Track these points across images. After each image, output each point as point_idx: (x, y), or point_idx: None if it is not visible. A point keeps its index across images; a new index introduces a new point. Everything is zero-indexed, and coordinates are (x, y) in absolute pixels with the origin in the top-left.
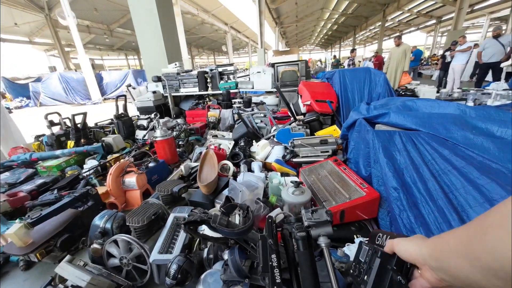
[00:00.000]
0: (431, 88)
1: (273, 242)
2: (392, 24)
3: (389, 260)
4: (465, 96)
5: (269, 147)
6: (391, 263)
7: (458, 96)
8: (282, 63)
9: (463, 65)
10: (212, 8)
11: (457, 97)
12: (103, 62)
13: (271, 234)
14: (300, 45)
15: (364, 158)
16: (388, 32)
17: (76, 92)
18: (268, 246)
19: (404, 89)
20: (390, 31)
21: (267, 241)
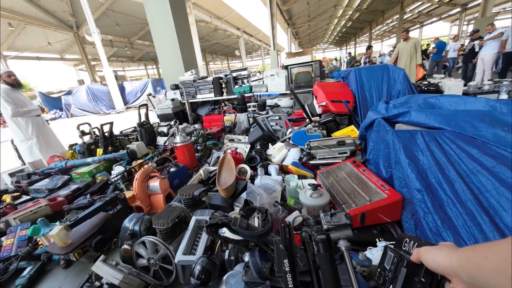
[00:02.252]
0: (457, 81)
1: (285, 247)
2: (411, 16)
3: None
4: (497, 88)
5: (285, 149)
6: (418, 274)
7: (489, 89)
8: (295, 64)
9: (494, 54)
10: (225, 15)
11: (488, 90)
12: (124, 73)
13: (283, 239)
14: (314, 45)
15: (385, 159)
16: (407, 24)
17: (101, 102)
18: (280, 251)
19: (427, 84)
20: (409, 23)
21: (279, 246)
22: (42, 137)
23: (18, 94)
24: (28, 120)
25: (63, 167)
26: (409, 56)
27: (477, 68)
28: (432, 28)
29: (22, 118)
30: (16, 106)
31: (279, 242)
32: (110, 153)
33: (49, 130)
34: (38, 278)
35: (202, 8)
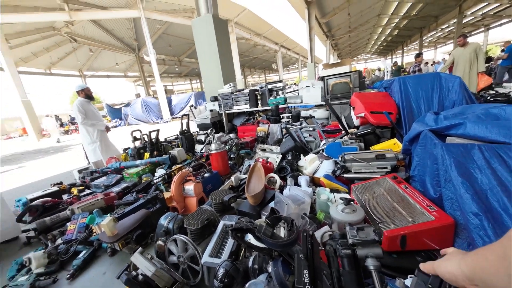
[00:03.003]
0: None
1: (306, 257)
2: (473, 19)
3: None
4: None
5: (318, 161)
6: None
7: None
8: (332, 75)
9: None
10: (263, 31)
11: None
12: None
13: (305, 248)
14: (354, 55)
15: (432, 176)
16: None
17: (152, 113)
18: (300, 260)
19: (494, 94)
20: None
21: (299, 255)
22: (104, 142)
23: (90, 106)
24: (94, 128)
25: (117, 167)
26: (467, 63)
27: None
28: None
29: (90, 125)
30: (87, 116)
31: (299, 251)
32: (155, 157)
33: (108, 136)
34: (90, 261)
35: (243, 26)
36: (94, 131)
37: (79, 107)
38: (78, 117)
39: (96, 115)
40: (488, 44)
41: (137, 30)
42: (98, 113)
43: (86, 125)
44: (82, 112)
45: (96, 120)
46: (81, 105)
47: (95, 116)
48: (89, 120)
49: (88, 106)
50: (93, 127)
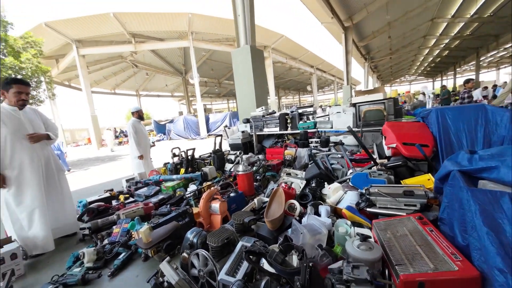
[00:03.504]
0: None
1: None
2: None
3: None
4: None
5: (342, 191)
6: None
7: None
8: (364, 102)
9: None
10: (299, 55)
11: None
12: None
13: (303, 278)
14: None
15: (460, 221)
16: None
17: (191, 130)
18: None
19: None
20: None
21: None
22: (148, 156)
23: (140, 126)
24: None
25: (157, 180)
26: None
27: None
28: None
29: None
30: (136, 134)
31: (297, 279)
32: (189, 173)
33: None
34: (127, 263)
35: (279, 51)
36: (140, 147)
37: (131, 127)
38: (129, 134)
39: (144, 134)
40: None
41: (185, 57)
42: (146, 132)
43: (135, 142)
44: (134, 131)
45: (143, 139)
46: (133, 125)
47: (143, 135)
48: (138, 138)
49: (139, 126)
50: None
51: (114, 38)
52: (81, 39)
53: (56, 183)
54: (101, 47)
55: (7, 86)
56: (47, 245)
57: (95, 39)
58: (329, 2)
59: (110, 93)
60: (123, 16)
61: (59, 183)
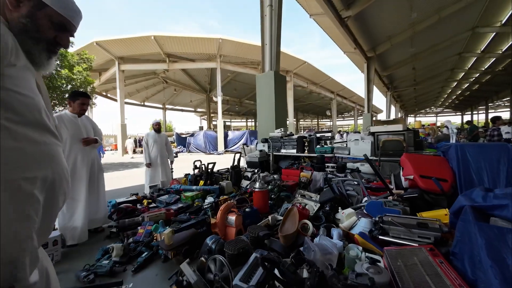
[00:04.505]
0: None
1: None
2: None
3: None
4: None
5: (355, 217)
6: None
7: None
8: (383, 132)
9: None
10: (320, 81)
11: None
12: (230, 123)
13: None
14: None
15: (469, 256)
16: None
17: (210, 144)
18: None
19: None
20: None
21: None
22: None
23: (156, 137)
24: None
25: (177, 189)
26: None
27: None
28: None
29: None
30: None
31: (307, 281)
32: (208, 186)
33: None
34: (148, 262)
35: (301, 76)
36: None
37: (144, 138)
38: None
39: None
40: None
41: (211, 76)
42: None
43: (144, 152)
44: (145, 142)
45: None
46: (146, 137)
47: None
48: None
49: (154, 137)
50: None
51: (151, 57)
52: (123, 57)
53: (96, 181)
54: (139, 64)
55: (74, 98)
56: (82, 236)
57: (134, 57)
58: (353, 34)
59: (140, 104)
60: (162, 39)
61: (98, 181)
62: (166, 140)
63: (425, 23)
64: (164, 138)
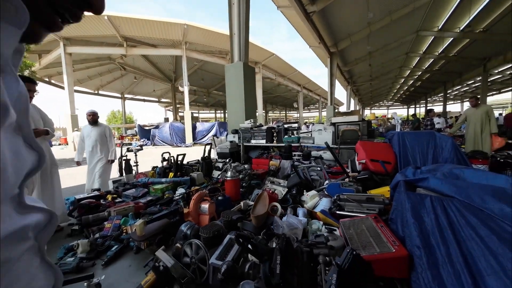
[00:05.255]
0: None
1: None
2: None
3: None
4: None
5: (318, 198)
6: None
7: None
8: (342, 123)
9: None
10: (288, 73)
11: None
12: (198, 115)
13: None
14: (376, 101)
15: (401, 218)
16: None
17: (177, 137)
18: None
19: (505, 156)
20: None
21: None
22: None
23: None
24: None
25: (145, 182)
26: (479, 123)
27: None
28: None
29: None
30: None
31: (276, 244)
32: (178, 177)
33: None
34: (119, 255)
35: (269, 68)
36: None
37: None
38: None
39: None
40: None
41: (176, 64)
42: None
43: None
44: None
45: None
46: (82, 130)
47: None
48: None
49: (87, 131)
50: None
51: (105, 40)
52: (70, 37)
53: (49, 177)
54: (90, 47)
55: None
56: None
57: (84, 39)
58: (317, 29)
59: (93, 93)
60: (117, 19)
61: (52, 177)
62: (105, 134)
63: (380, 24)
64: (101, 132)
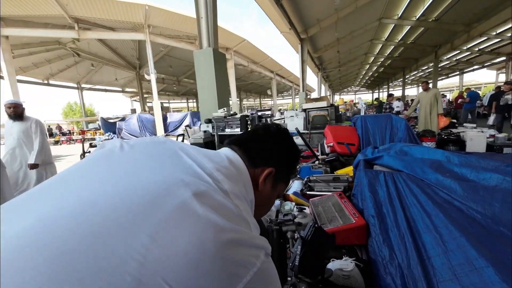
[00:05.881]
0: (480, 133)
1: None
2: (449, 63)
3: None
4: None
5: (290, 181)
6: None
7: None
8: (312, 109)
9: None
10: (260, 60)
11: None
12: (169, 105)
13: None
14: (345, 87)
15: (360, 193)
16: (445, 71)
17: (147, 129)
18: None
19: (448, 133)
20: (447, 70)
21: None
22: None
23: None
24: None
25: None
26: (428, 105)
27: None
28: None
29: None
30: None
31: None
32: None
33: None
34: None
35: (241, 54)
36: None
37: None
38: None
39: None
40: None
41: (140, 51)
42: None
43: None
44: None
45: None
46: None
47: (10, 140)
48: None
49: (8, 127)
50: None
51: (51, 21)
52: (5, 17)
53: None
54: (32, 29)
55: None
56: None
57: (24, 19)
58: (288, 15)
59: (42, 83)
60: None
61: None
62: (30, 131)
63: (346, 10)
64: (23, 128)
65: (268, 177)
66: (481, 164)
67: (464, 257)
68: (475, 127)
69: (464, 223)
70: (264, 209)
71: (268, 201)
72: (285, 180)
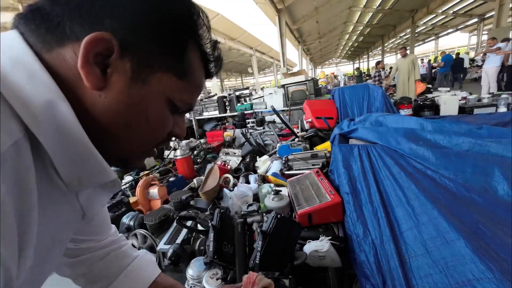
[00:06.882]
0: (453, 96)
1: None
2: (425, 29)
3: None
4: (495, 102)
5: (269, 161)
6: None
7: (488, 102)
8: (291, 84)
9: (497, 67)
10: (237, 36)
11: (487, 104)
12: None
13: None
14: (326, 59)
15: (336, 169)
16: (421, 36)
17: None
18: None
19: (423, 99)
20: (424, 36)
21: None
22: None
23: None
24: None
25: None
26: (407, 72)
27: (482, 81)
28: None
29: None
30: None
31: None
32: None
33: None
34: None
35: (216, 31)
36: None
37: None
38: None
39: None
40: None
41: None
42: None
43: None
44: None
45: None
46: None
47: None
48: None
49: None
50: None
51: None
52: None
53: None
54: None
55: None
56: None
57: None
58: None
59: None
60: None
61: None
62: None
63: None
64: None
65: (97, 53)
66: (454, 129)
67: (435, 230)
68: (448, 91)
69: (436, 194)
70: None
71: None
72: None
